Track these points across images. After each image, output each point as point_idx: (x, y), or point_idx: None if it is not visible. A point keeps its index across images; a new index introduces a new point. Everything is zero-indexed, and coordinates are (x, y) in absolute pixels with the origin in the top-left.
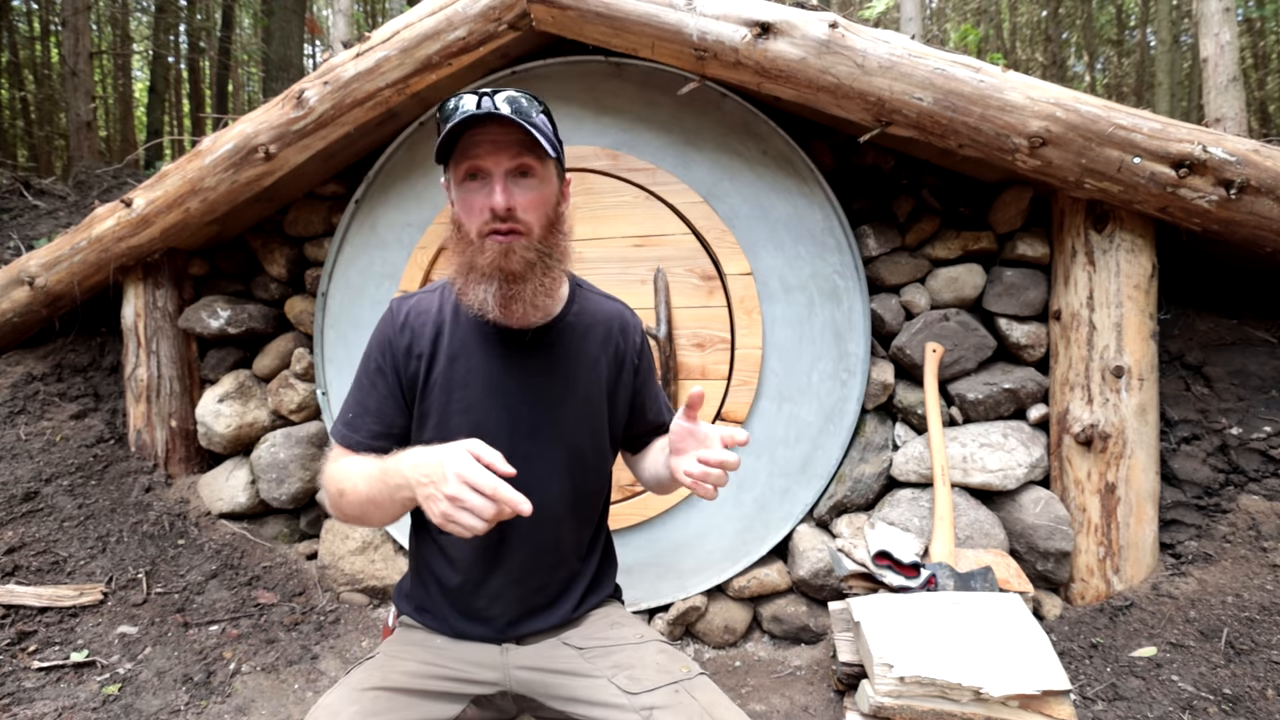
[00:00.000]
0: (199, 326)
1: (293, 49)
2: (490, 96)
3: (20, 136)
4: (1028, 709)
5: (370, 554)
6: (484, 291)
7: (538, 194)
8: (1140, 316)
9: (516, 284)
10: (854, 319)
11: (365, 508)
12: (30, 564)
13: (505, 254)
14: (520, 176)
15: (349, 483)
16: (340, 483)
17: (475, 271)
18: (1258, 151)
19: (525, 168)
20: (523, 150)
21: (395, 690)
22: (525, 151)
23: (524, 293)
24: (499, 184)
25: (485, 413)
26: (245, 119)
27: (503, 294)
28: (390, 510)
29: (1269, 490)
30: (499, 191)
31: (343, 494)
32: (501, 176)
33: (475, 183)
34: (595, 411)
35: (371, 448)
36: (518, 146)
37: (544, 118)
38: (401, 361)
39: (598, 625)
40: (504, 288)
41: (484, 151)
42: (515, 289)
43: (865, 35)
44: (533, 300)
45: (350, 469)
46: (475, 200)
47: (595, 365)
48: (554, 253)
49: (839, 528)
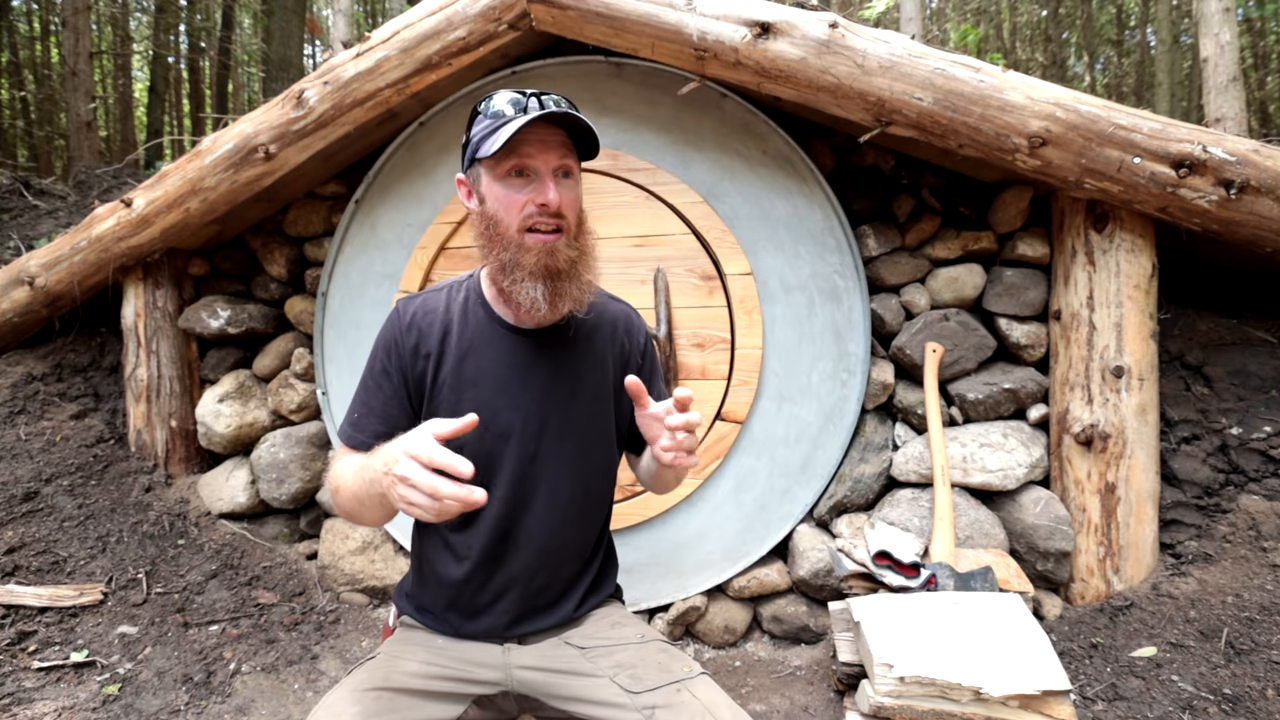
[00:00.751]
0: (199, 326)
1: (293, 49)
2: (539, 96)
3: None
4: (1028, 709)
5: (370, 554)
6: (534, 290)
7: (575, 194)
8: (1140, 316)
9: (562, 281)
10: (854, 319)
11: (354, 505)
12: (30, 564)
13: (551, 253)
14: (563, 176)
15: (340, 480)
16: (334, 480)
17: (521, 270)
18: (1258, 151)
19: (568, 168)
20: (567, 152)
21: (397, 690)
22: (569, 153)
23: (570, 290)
24: (550, 181)
25: (495, 411)
26: (245, 119)
27: (551, 291)
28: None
29: (1269, 490)
30: (552, 189)
31: (337, 491)
32: (550, 174)
33: (520, 179)
34: (602, 411)
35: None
36: (564, 147)
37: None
38: (408, 362)
39: (599, 625)
40: (551, 285)
41: (534, 150)
42: (562, 285)
43: (865, 35)
44: (577, 295)
45: (343, 467)
46: (519, 196)
47: (602, 365)
48: (587, 250)
49: (839, 528)
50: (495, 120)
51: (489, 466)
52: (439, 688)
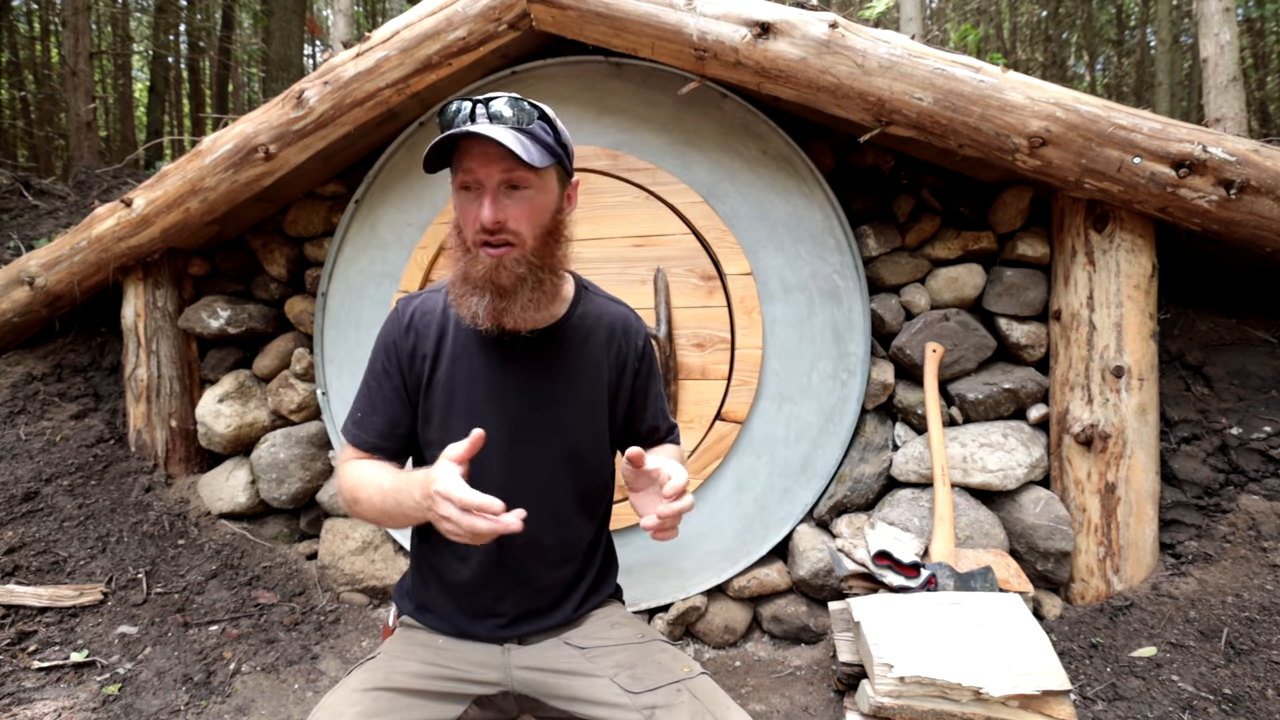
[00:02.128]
0: (199, 326)
1: (293, 49)
2: (485, 104)
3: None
4: (1028, 709)
5: (370, 554)
6: (475, 303)
7: (530, 205)
8: (1140, 316)
9: (505, 298)
10: (854, 319)
11: (379, 518)
12: (30, 564)
13: (496, 268)
14: (512, 189)
15: (364, 493)
16: (355, 491)
17: (468, 283)
18: (1258, 151)
19: (516, 180)
20: (513, 163)
21: (397, 691)
22: (517, 165)
23: (513, 307)
24: (488, 197)
25: (486, 415)
26: (245, 119)
27: (493, 307)
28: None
29: (1269, 490)
30: (487, 205)
31: (357, 502)
32: (493, 189)
33: (470, 193)
34: (597, 414)
35: (380, 447)
36: (508, 159)
37: (542, 124)
38: (406, 363)
39: (599, 625)
40: (494, 301)
41: (476, 164)
42: (504, 303)
43: (865, 35)
44: (521, 314)
45: (365, 478)
46: (469, 210)
47: (598, 368)
48: (546, 264)
49: (839, 528)
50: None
51: (483, 469)
52: (439, 688)
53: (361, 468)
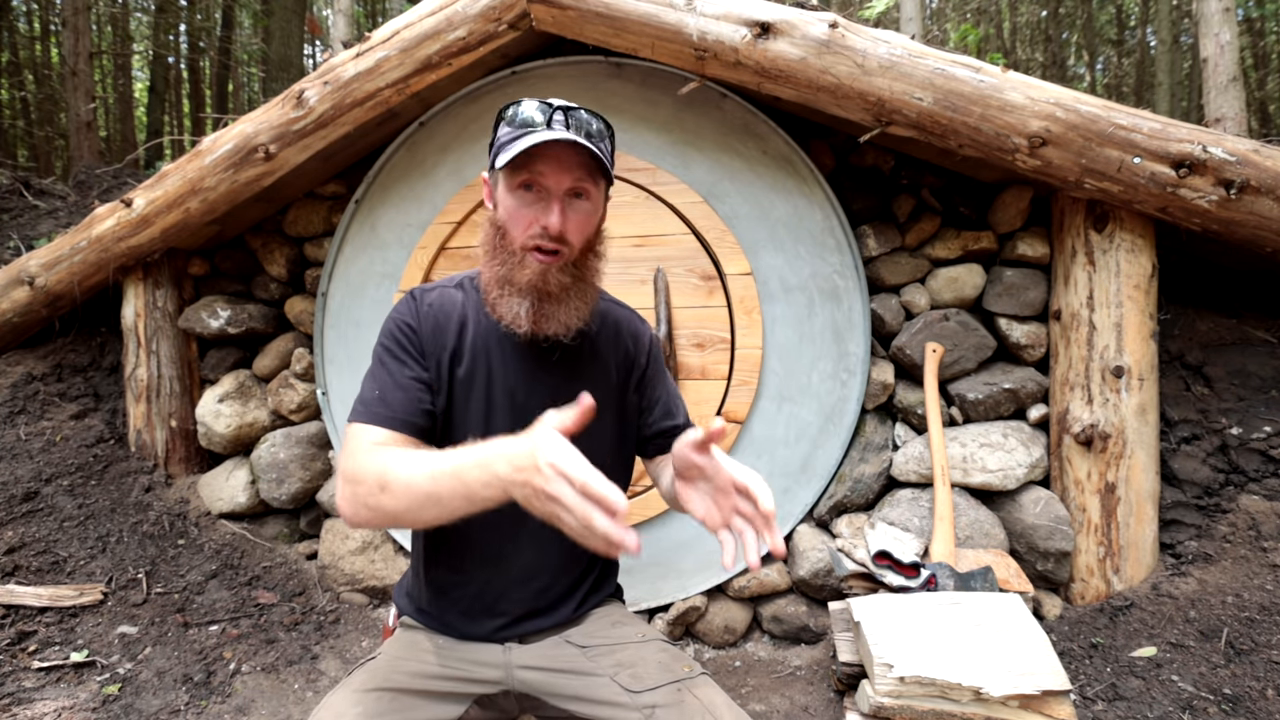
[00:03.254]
0: (199, 326)
1: (293, 49)
2: (566, 111)
3: (20, 136)
4: (1028, 709)
5: (370, 554)
6: (518, 306)
7: (586, 217)
8: (1140, 316)
9: (551, 304)
10: (854, 319)
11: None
12: (30, 564)
13: (544, 275)
14: (575, 198)
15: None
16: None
17: (512, 286)
18: (1258, 151)
19: (582, 190)
20: (584, 174)
21: (398, 691)
22: (586, 176)
23: (558, 313)
24: (558, 204)
25: (499, 416)
26: (245, 119)
27: (535, 312)
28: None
29: (1269, 490)
30: (556, 213)
31: (386, 487)
32: (560, 196)
33: (530, 194)
34: (605, 417)
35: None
36: (581, 170)
37: (608, 144)
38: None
39: (599, 624)
40: (538, 306)
41: (548, 169)
42: (549, 309)
43: (865, 35)
44: (566, 320)
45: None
46: (527, 213)
47: (605, 371)
48: (586, 274)
49: (839, 528)
50: (519, 130)
51: None
52: (440, 688)
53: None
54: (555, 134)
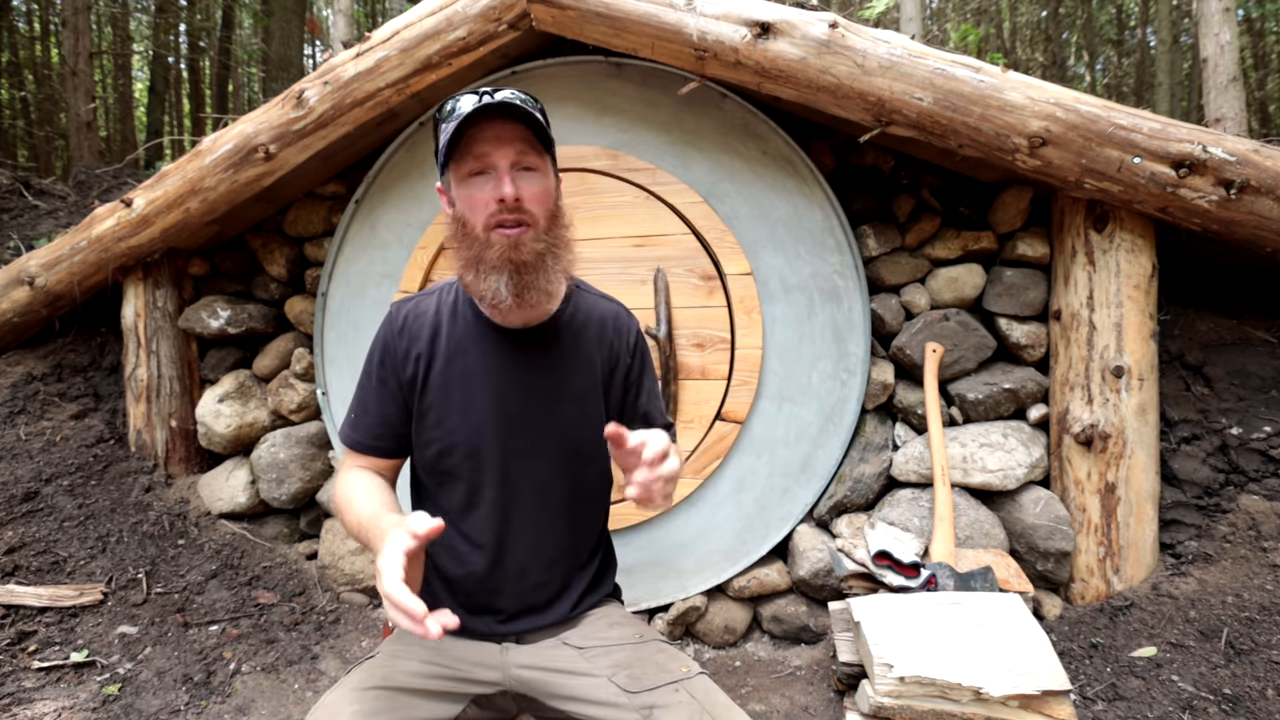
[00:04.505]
0: (199, 326)
1: (293, 49)
2: (491, 93)
3: (20, 136)
4: (1028, 709)
5: (370, 554)
6: (496, 282)
7: (540, 187)
8: (1140, 316)
9: (528, 273)
10: (854, 319)
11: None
12: (30, 564)
13: (515, 246)
14: (523, 171)
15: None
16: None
17: (484, 264)
18: (1258, 151)
19: (528, 163)
20: (526, 146)
21: (396, 690)
22: (529, 149)
23: (537, 281)
24: (506, 175)
25: (482, 411)
26: (245, 119)
27: (515, 283)
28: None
29: (1269, 490)
30: (508, 182)
31: (341, 512)
32: (508, 169)
33: (481, 178)
34: (591, 411)
35: (373, 447)
36: (521, 142)
37: (541, 112)
38: (400, 365)
39: (597, 625)
40: (515, 277)
41: (489, 147)
42: (527, 278)
43: (865, 35)
44: (546, 288)
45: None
46: (481, 195)
47: (590, 364)
48: (559, 243)
49: (839, 528)
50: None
51: (478, 465)
52: (438, 686)
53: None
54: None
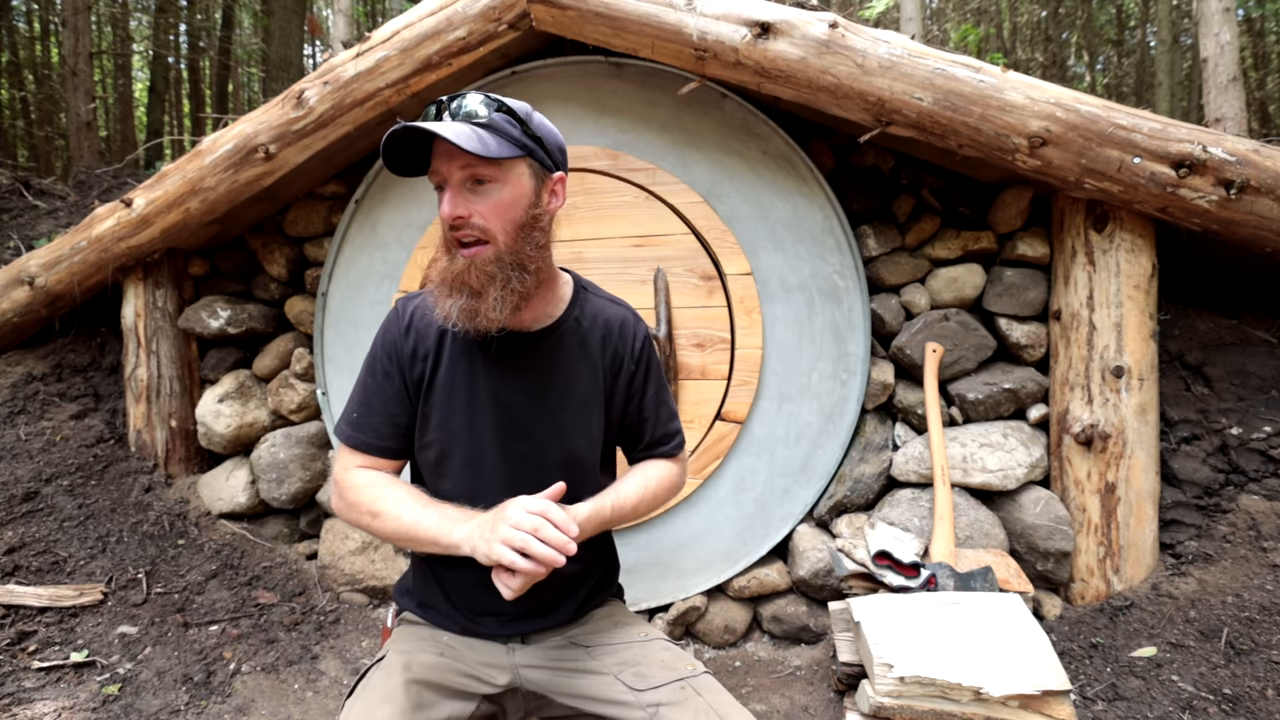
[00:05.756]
0: (199, 326)
1: (293, 49)
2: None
3: (20, 136)
4: (1028, 709)
5: (370, 554)
6: (450, 305)
7: (496, 201)
8: (1140, 316)
9: (475, 299)
10: (854, 319)
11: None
12: (30, 564)
13: (468, 269)
14: (477, 184)
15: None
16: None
17: (445, 284)
18: (1258, 151)
19: (480, 175)
20: (474, 159)
21: (424, 684)
22: (477, 160)
23: (482, 307)
24: (450, 193)
25: (483, 415)
26: (245, 119)
27: (466, 307)
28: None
29: (1269, 490)
30: (447, 200)
31: (377, 517)
32: (457, 185)
33: (442, 193)
34: (593, 415)
35: (379, 447)
36: (465, 154)
37: (503, 116)
38: (407, 364)
39: (602, 624)
40: (467, 301)
41: (439, 163)
42: (474, 304)
43: (865, 35)
44: (491, 314)
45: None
46: (441, 210)
47: (594, 369)
48: (521, 261)
49: (839, 528)
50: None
51: (478, 469)
52: (454, 683)
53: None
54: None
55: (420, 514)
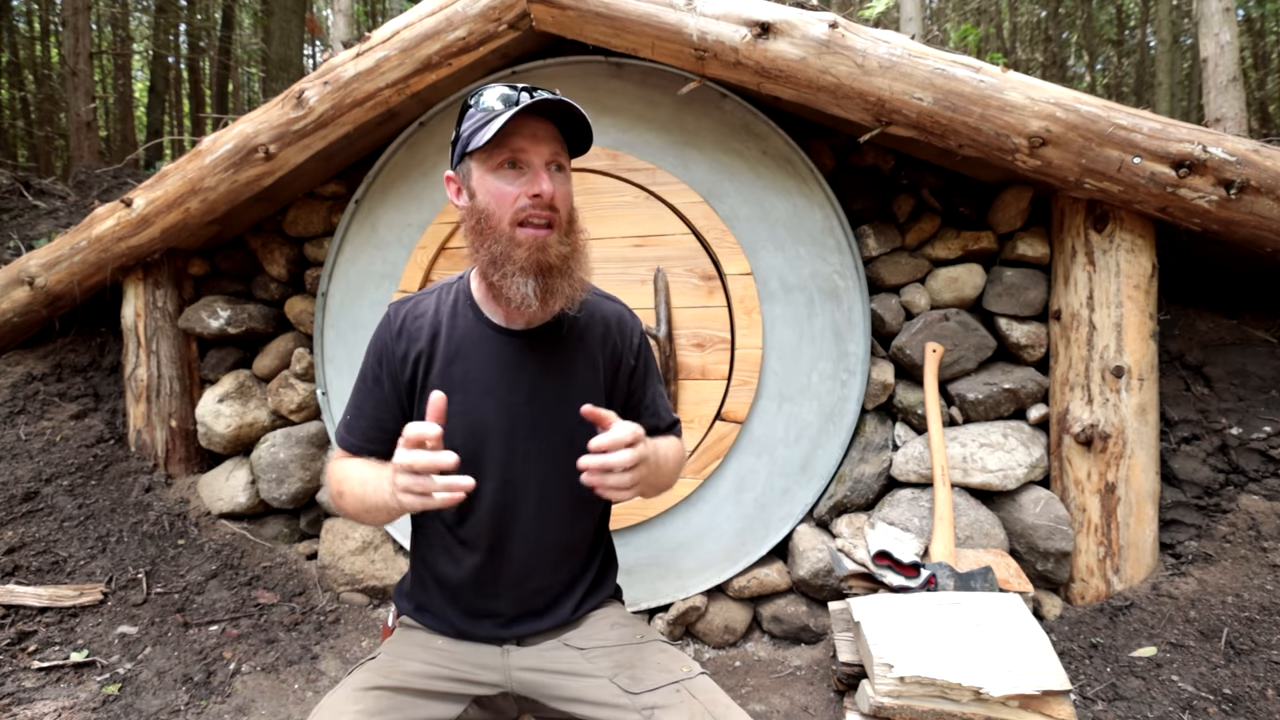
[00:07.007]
0: (199, 326)
1: (293, 49)
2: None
3: (20, 136)
4: (1028, 709)
5: (370, 554)
6: (524, 286)
7: (567, 189)
8: (1140, 316)
9: (554, 277)
10: (854, 319)
11: (360, 512)
12: (30, 564)
13: (542, 248)
14: (556, 170)
15: (346, 485)
16: (340, 484)
17: (513, 264)
18: (1258, 151)
19: (560, 162)
20: (560, 147)
21: (399, 690)
22: (561, 149)
23: (562, 287)
24: (544, 173)
25: (483, 413)
26: (245, 119)
27: (542, 288)
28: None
29: (1269, 490)
30: (545, 180)
31: (341, 495)
32: (543, 166)
33: (513, 172)
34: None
35: (368, 450)
36: (556, 143)
37: None
38: (398, 367)
39: (598, 626)
40: (543, 280)
41: (526, 143)
42: (553, 282)
43: (865, 35)
44: (569, 294)
45: (349, 472)
46: (512, 189)
47: (593, 364)
48: (580, 247)
49: (839, 528)
50: (486, 114)
51: (477, 468)
52: (440, 687)
53: (346, 464)
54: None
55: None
